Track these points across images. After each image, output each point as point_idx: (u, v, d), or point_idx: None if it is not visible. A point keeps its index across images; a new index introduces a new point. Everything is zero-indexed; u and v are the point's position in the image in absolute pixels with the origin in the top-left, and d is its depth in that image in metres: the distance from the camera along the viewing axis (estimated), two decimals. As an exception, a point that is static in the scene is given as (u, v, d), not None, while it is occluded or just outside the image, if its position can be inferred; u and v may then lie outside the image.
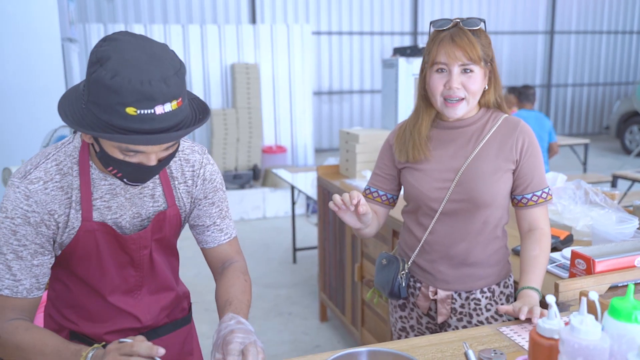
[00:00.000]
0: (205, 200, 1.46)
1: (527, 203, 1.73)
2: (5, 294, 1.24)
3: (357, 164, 3.65)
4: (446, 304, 1.79)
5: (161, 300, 1.49)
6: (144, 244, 1.38)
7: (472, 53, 1.59)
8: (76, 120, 1.12)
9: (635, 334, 1.00)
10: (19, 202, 1.22)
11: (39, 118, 3.93)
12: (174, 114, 1.10)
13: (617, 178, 5.08)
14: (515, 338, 1.54)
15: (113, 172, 1.21)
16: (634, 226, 2.15)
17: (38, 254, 1.26)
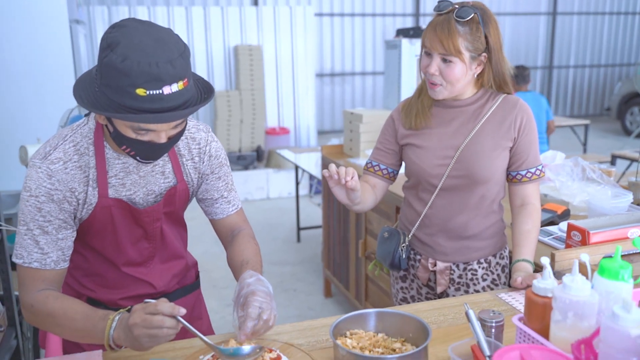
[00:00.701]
0: (212, 175, 1.55)
1: (521, 179, 1.80)
2: (34, 266, 1.33)
3: (360, 144, 3.73)
4: (445, 275, 1.87)
5: (172, 268, 1.59)
6: (156, 217, 1.47)
7: (448, 46, 1.62)
8: (91, 103, 1.21)
9: (621, 291, 1.10)
10: (42, 181, 1.31)
11: (48, 99, 4.01)
12: (180, 93, 1.19)
13: (616, 158, 5.15)
14: (512, 303, 1.64)
15: (126, 150, 1.29)
16: (628, 200, 2.24)
17: (62, 229, 1.35)
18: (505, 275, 1.91)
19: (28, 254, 1.32)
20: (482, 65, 1.71)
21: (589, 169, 2.61)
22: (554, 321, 1.14)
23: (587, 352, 1.05)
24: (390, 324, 1.36)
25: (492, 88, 1.79)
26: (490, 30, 1.67)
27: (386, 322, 1.36)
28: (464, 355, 1.21)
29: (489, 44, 1.68)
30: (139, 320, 1.16)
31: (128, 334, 1.18)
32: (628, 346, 0.96)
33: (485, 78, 1.75)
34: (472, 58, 1.67)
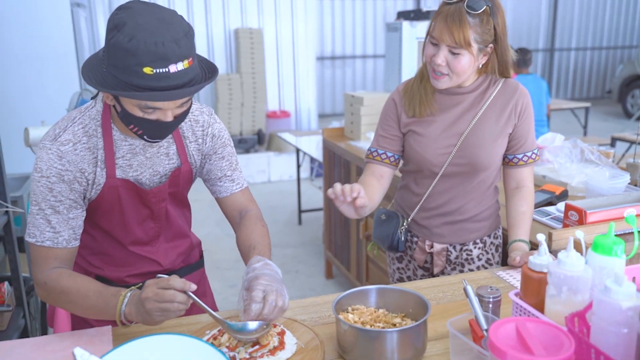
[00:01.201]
0: (215, 155, 1.58)
1: (517, 163, 1.82)
2: (47, 245, 1.36)
3: (361, 126, 3.76)
4: (442, 256, 1.90)
5: (177, 247, 1.63)
6: (162, 197, 1.51)
7: (459, 38, 1.59)
8: (99, 82, 1.24)
9: (614, 266, 1.13)
10: (53, 162, 1.34)
11: (51, 82, 4.03)
12: (185, 72, 1.22)
13: (616, 140, 5.18)
14: (510, 280, 1.68)
15: (134, 129, 1.32)
16: (625, 181, 2.27)
17: (72, 208, 1.39)
18: (499, 254, 1.94)
19: (40, 233, 1.36)
20: (488, 55, 1.70)
21: (588, 151, 2.64)
22: (549, 296, 1.18)
23: (581, 324, 1.09)
24: (390, 300, 1.40)
25: (493, 73, 1.79)
26: (498, 21, 1.65)
27: (387, 298, 1.40)
28: (462, 329, 1.26)
29: (497, 34, 1.66)
30: (151, 294, 1.19)
31: (140, 308, 1.22)
32: (619, 318, 1.00)
33: (490, 67, 1.75)
34: (479, 49, 1.65)
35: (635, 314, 0.98)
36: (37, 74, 4.03)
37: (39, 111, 3.83)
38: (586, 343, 1.00)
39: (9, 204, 2.50)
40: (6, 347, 1.36)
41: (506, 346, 0.97)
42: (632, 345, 0.99)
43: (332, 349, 1.32)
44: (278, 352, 1.28)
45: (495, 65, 1.74)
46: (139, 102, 1.24)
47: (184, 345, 1.11)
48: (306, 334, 1.37)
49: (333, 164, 3.93)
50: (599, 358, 0.98)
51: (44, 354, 1.32)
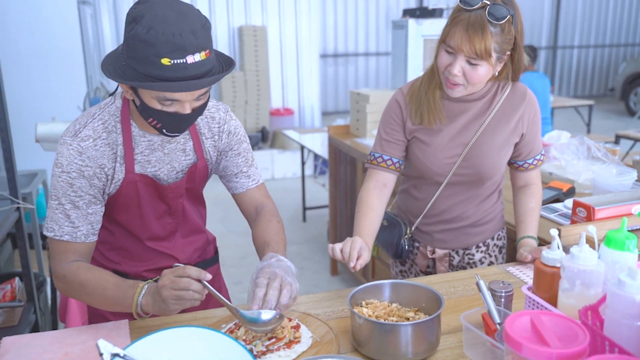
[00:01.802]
0: (231, 152, 1.59)
1: (527, 167, 1.83)
2: (65, 239, 1.39)
3: (367, 124, 3.77)
4: (444, 262, 1.89)
5: (193, 242, 1.65)
6: (179, 193, 1.53)
7: (480, 49, 1.51)
8: (118, 75, 1.26)
9: (627, 260, 1.15)
10: (73, 158, 1.36)
11: (59, 79, 4.05)
12: (203, 63, 1.23)
13: (620, 138, 5.19)
14: (520, 276, 1.70)
15: (153, 123, 1.33)
16: (632, 178, 2.28)
17: (92, 204, 1.41)
18: (503, 255, 1.94)
19: (59, 227, 1.38)
20: (504, 62, 1.64)
21: (594, 148, 2.66)
22: (562, 289, 1.20)
23: (594, 317, 1.10)
24: (403, 295, 1.42)
25: (507, 79, 1.72)
26: (518, 28, 1.58)
27: (400, 293, 1.42)
28: (475, 323, 1.28)
29: (516, 42, 1.59)
30: (168, 282, 1.22)
31: (156, 297, 1.25)
32: (633, 311, 1.02)
33: (504, 74, 1.69)
34: (497, 58, 1.58)
35: (649, 307, 1.00)
36: (44, 71, 4.05)
37: (46, 108, 3.86)
38: (600, 335, 1.02)
39: (20, 200, 2.52)
40: (25, 340, 1.38)
41: (522, 338, 0.99)
42: (645, 337, 1.01)
43: (347, 342, 1.34)
44: (294, 346, 1.30)
45: (509, 72, 1.69)
46: (157, 93, 1.25)
47: (203, 338, 1.13)
48: (320, 327, 1.39)
49: (339, 162, 3.95)
50: (613, 350, 1.00)
51: (63, 346, 1.35)
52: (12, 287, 2.56)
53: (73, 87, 3.92)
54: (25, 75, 4.02)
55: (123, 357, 1.05)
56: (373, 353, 1.26)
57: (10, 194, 2.51)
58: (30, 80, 4.04)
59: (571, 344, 0.98)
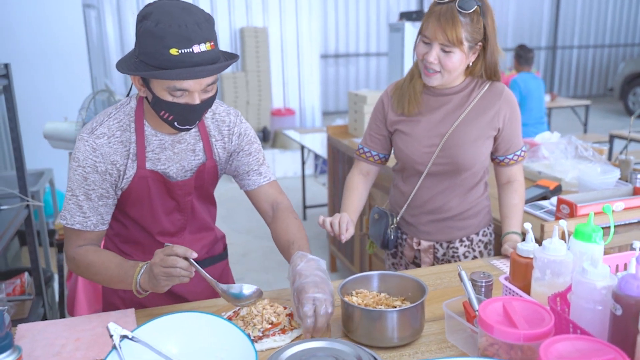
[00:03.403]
0: (242, 152, 1.69)
1: (508, 163, 1.91)
2: (76, 227, 1.51)
3: (365, 124, 3.87)
4: (429, 253, 1.99)
5: (201, 239, 1.74)
6: (187, 191, 1.62)
7: (451, 36, 1.66)
8: (130, 69, 1.39)
9: (593, 251, 1.25)
10: (88, 154, 1.47)
11: (64, 81, 4.16)
12: (208, 54, 1.33)
13: (614, 137, 5.28)
14: (503, 268, 1.80)
15: (165, 115, 1.43)
16: (615, 177, 2.38)
17: (103, 197, 1.52)
18: (488, 251, 2.02)
19: (71, 216, 1.51)
20: (477, 53, 1.76)
21: (581, 147, 2.75)
22: (534, 278, 1.30)
23: (562, 303, 1.21)
24: (391, 285, 1.52)
25: (482, 77, 1.85)
26: (488, 21, 1.73)
27: (388, 283, 1.52)
28: (456, 311, 1.38)
29: (486, 33, 1.73)
30: (158, 260, 1.33)
31: (150, 274, 1.36)
32: (595, 297, 1.12)
33: (477, 68, 1.81)
34: (469, 47, 1.72)
35: (608, 293, 1.10)
36: (50, 73, 4.16)
37: (52, 109, 3.96)
38: (565, 318, 1.12)
39: (29, 198, 2.63)
40: (39, 327, 1.49)
41: (493, 321, 1.09)
42: (605, 320, 1.11)
43: (338, 328, 1.44)
44: (288, 331, 1.40)
45: (483, 67, 1.81)
46: (168, 84, 1.35)
47: (206, 322, 1.23)
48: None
49: (337, 161, 4.05)
50: (576, 331, 1.10)
51: (75, 332, 1.45)
52: (22, 282, 2.67)
53: (78, 89, 4.03)
54: (31, 77, 4.13)
55: (131, 338, 1.15)
56: (362, 338, 1.36)
57: (19, 192, 2.62)
58: (36, 82, 4.15)
59: (537, 326, 1.09)
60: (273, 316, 1.42)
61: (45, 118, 3.61)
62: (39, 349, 1.38)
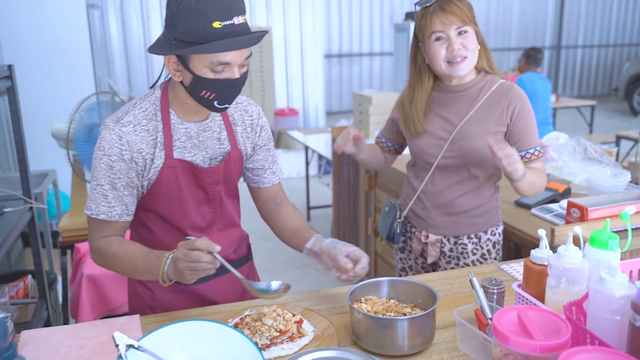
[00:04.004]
0: (264, 147, 1.70)
1: (522, 160, 1.84)
2: (101, 217, 1.49)
3: (370, 125, 3.84)
4: (436, 247, 2.01)
5: (228, 236, 1.71)
6: (216, 179, 1.60)
7: (463, 15, 1.76)
8: (170, 51, 1.37)
9: (610, 259, 1.22)
10: (114, 142, 1.46)
11: (67, 82, 4.14)
12: (245, 25, 1.37)
13: (621, 138, 5.24)
14: (513, 273, 1.77)
15: (206, 95, 1.42)
16: (626, 180, 2.35)
17: (128, 186, 1.50)
18: (496, 251, 2.02)
19: (96, 206, 1.48)
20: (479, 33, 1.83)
21: (590, 148, 2.72)
22: (549, 286, 1.27)
23: (578, 312, 1.18)
24: (401, 291, 1.49)
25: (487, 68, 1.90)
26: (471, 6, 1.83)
27: (397, 290, 1.50)
28: (468, 318, 1.35)
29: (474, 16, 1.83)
30: (181, 255, 1.32)
31: (175, 268, 1.35)
32: (613, 306, 1.09)
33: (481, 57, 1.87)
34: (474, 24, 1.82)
35: (627, 303, 1.07)
36: (54, 73, 4.14)
37: (56, 110, 3.94)
38: (582, 329, 1.09)
39: (33, 200, 2.61)
40: (43, 333, 1.46)
41: (508, 331, 1.07)
42: (624, 330, 1.08)
43: (347, 336, 1.42)
44: (297, 339, 1.37)
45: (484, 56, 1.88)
46: (211, 59, 1.36)
47: (212, 330, 1.20)
48: (322, 322, 1.46)
49: (342, 162, 4.02)
50: (593, 342, 1.07)
51: (79, 339, 1.42)
52: (25, 285, 2.65)
53: (82, 89, 4.00)
54: (34, 78, 4.11)
55: (137, 348, 1.13)
56: (371, 346, 1.34)
57: (23, 194, 2.60)
58: (39, 83, 4.13)
59: (554, 336, 1.06)
60: (281, 324, 1.39)
61: (49, 119, 3.59)
62: (42, 357, 1.35)
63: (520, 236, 2.16)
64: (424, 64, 1.89)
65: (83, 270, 2.53)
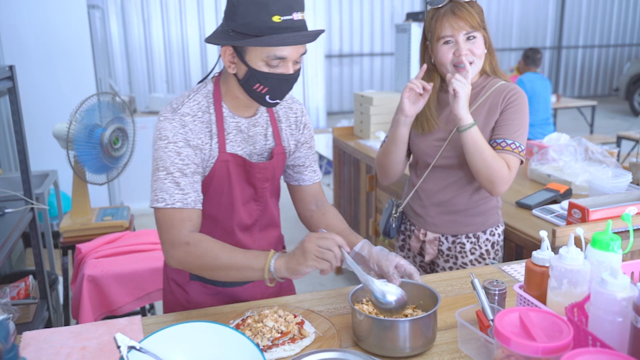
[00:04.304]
0: (306, 144, 1.71)
1: (495, 147, 1.83)
2: (177, 206, 1.45)
3: (371, 126, 3.84)
4: (433, 245, 2.02)
5: (268, 235, 1.71)
6: (266, 175, 1.60)
7: (473, 21, 1.76)
8: (228, 41, 1.39)
9: (611, 261, 1.22)
10: (178, 130, 1.46)
11: (68, 83, 4.14)
12: (303, 22, 1.38)
13: (622, 139, 5.24)
14: (515, 275, 1.77)
15: (259, 89, 1.43)
16: (627, 180, 2.34)
17: (196, 173, 1.49)
18: (495, 251, 2.02)
19: (170, 195, 1.45)
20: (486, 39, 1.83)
21: (591, 149, 2.72)
22: (550, 288, 1.27)
23: (580, 314, 1.18)
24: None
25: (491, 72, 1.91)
26: (480, 8, 1.82)
27: None
28: (469, 320, 1.35)
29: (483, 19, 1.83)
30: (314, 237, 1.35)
31: (296, 253, 1.36)
32: (615, 308, 1.09)
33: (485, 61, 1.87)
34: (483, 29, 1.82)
35: (629, 304, 1.07)
36: (55, 74, 4.15)
37: (57, 111, 3.95)
38: (584, 330, 1.09)
39: (34, 200, 2.61)
40: (45, 334, 1.47)
41: (510, 333, 1.06)
42: (625, 332, 1.08)
43: (348, 337, 1.42)
44: (298, 341, 1.37)
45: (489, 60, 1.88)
46: (267, 52, 1.37)
47: (214, 332, 1.20)
48: (323, 323, 1.46)
49: (343, 163, 4.02)
50: (595, 344, 1.07)
51: (81, 340, 1.43)
52: (26, 285, 2.65)
53: (83, 90, 4.01)
54: (35, 78, 4.11)
55: (139, 349, 1.13)
56: (373, 348, 1.34)
57: (24, 194, 2.60)
58: (40, 83, 4.13)
59: (556, 338, 1.06)
60: (283, 325, 1.39)
61: (50, 119, 3.59)
62: (44, 358, 1.35)
63: (521, 237, 2.16)
64: (431, 63, 1.90)
65: (84, 271, 2.53)
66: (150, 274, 2.56)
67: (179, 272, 1.66)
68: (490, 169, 1.77)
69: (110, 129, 2.97)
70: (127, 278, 2.53)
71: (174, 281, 1.67)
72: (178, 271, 1.66)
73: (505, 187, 1.82)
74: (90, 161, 2.95)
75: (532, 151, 3.09)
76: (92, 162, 2.96)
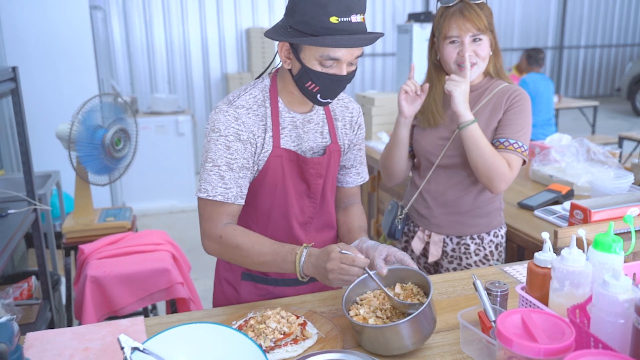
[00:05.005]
0: (357, 146, 1.73)
1: (498, 146, 1.84)
2: (218, 199, 1.48)
3: (373, 126, 3.85)
4: (438, 246, 2.02)
5: (323, 236, 1.71)
6: (319, 172, 1.60)
7: (480, 24, 1.78)
8: (285, 37, 1.40)
9: (613, 262, 1.22)
10: (230, 123, 1.48)
11: (70, 84, 4.15)
12: (362, 25, 1.38)
13: (624, 139, 5.23)
14: (517, 276, 1.77)
15: (311, 87, 1.44)
16: (629, 181, 2.34)
17: (244, 168, 1.51)
18: (499, 252, 2.03)
19: (212, 187, 1.48)
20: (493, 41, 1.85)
21: (593, 150, 2.72)
22: (552, 289, 1.27)
23: (582, 315, 1.18)
24: (392, 280, 1.48)
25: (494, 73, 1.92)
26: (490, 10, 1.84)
27: (388, 279, 1.47)
28: (471, 321, 1.35)
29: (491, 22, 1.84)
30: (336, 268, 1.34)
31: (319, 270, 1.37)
32: (617, 310, 1.09)
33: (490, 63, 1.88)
34: (490, 32, 1.83)
35: (631, 306, 1.07)
36: (57, 75, 4.15)
37: (59, 111, 3.95)
38: (586, 332, 1.09)
39: (37, 201, 2.61)
40: (48, 335, 1.47)
41: (512, 334, 1.07)
42: (627, 334, 1.08)
43: (350, 338, 1.42)
44: (300, 342, 1.37)
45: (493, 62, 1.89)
46: (321, 52, 1.38)
47: (217, 333, 1.21)
48: (326, 324, 1.46)
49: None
50: (597, 346, 1.07)
51: (84, 341, 1.43)
52: (29, 286, 2.66)
53: (85, 91, 4.02)
54: (38, 79, 4.12)
55: (142, 350, 1.13)
56: (376, 350, 1.34)
57: (27, 195, 2.60)
58: (43, 84, 4.14)
59: (558, 339, 1.06)
60: (285, 326, 1.40)
61: (52, 120, 3.60)
62: (47, 359, 1.36)
63: (523, 238, 2.16)
64: (437, 59, 1.92)
65: (87, 272, 2.54)
66: (152, 275, 2.56)
67: (230, 271, 1.69)
68: (489, 166, 1.79)
69: (112, 130, 2.98)
70: (129, 279, 2.53)
71: (225, 280, 1.70)
72: (230, 270, 1.69)
73: (504, 185, 1.83)
74: (93, 162, 2.96)
75: (534, 152, 3.10)
76: (94, 163, 2.97)
